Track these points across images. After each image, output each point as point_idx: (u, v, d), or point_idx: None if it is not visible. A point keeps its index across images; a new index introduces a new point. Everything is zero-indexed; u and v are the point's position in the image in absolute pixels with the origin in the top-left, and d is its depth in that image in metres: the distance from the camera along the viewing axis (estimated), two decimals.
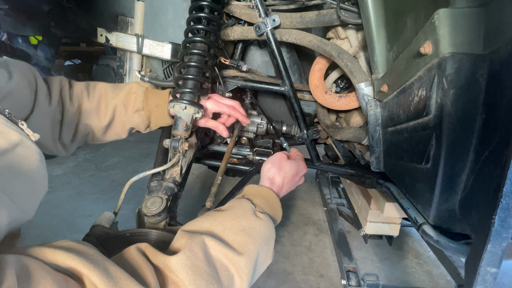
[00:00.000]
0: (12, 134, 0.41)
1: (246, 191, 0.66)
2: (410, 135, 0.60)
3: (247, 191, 0.66)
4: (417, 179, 0.60)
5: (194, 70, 0.75)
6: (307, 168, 0.79)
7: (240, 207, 0.59)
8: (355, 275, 1.24)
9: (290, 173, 0.73)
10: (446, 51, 0.44)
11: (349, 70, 0.82)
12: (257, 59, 1.15)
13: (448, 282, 1.33)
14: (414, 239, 1.61)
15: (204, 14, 0.74)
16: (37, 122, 0.65)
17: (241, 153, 1.18)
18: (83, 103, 0.73)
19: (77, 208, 1.72)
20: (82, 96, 0.73)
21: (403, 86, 0.60)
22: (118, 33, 0.96)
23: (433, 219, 0.57)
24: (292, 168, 0.74)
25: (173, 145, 0.74)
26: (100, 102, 0.75)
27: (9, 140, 0.41)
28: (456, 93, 0.44)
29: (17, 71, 0.61)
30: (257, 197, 0.64)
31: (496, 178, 0.37)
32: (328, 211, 1.75)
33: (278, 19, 0.86)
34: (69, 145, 0.74)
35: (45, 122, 0.66)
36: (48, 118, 0.67)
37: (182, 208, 1.81)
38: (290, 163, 0.74)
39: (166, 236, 0.65)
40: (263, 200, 0.64)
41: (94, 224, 0.63)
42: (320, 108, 1.11)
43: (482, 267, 0.37)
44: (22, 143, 0.42)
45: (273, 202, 0.66)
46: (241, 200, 0.62)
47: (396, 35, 0.64)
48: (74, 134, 0.73)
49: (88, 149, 2.55)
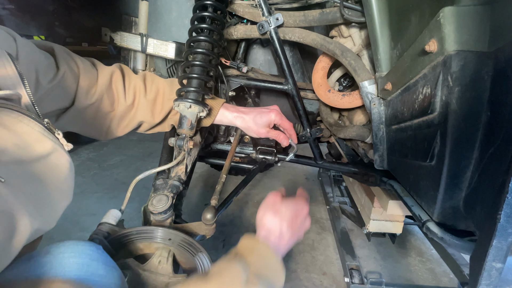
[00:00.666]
0: (47, 143, 0.43)
1: (240, 246, 0.57)
2: (414, 133, 0.61)
3: (241, 246, 0.57)
4: (421, 177, 0.60)
5: (199, 69, 0.76)
6: (308, 206, 0.68)
7: (229, 274, 0.49)
8: (358, 273, 1.24)
9: (288, 216, 0.62)
10: (451, 49, 0.44)
11: (352, 68, 0.82)
12: (259, 57, 1.15)
13: (451, 280, 1.33)
14: (417, 237, 1.61)
15: (208, 13, 0.75)
16: (77, 113, 0.66)
17: (244, 151, 1.18)
18: (139, 98, 0.73)
19: (81, 206, 1.73)
20: (138, 91, 0.73)
21: (408, 84, 0.60)
22: (122, 33, 0.97)
23: (437, 216, 0.57)
24: (289, 209, 0.63)
25: (178, 143, 0.75)
26: (156, 99, 0.75)
27: (44, 148, 0.42)
28: (461, 91, 0.44)
29: (63, 59, 0.61)
30: (251, 255, 0.54)
31: (502, 174, 0.37)
32: (331, 209, 1.75)
33: (281, 18, 0.86)
34: (117, 133, 0.76)
35: (86, 113, 0.67)
36: (91, 108, 0.67)
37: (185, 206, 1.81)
38: (286, 204, 0.64)
39: (172, 233, 0.65)
40: (259, 258, 0.54)
41: (101, 222, 0.64)
42: (323, 107, 1.11)
43: (487, 263, 0.37)
44: (55, 152, 0.44)
45: (271, 260, 0.56)
46: (231, 264, 0.51)
47: (400, 33, 0.64)
48: (125, 126, 0.75)
49: (91, 148, 2.57)
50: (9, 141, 0.38)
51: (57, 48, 0.62)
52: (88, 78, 0.65)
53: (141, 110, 0.74)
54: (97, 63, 0.71)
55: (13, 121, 0.40)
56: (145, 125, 0.78)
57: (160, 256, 0.65)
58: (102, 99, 0.68)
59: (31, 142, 0.41)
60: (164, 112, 0.77)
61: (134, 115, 0.74)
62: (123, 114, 0.73)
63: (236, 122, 0.81)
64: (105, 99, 0.69)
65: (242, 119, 0.80)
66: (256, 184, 2.13)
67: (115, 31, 0.97)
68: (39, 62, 0.54)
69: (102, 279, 0.45)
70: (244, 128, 0.82)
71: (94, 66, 0.69)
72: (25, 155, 0.40)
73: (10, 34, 0.48)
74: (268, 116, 0.81)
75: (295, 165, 2.47)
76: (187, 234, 0.66)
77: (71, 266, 0.43)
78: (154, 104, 0.75)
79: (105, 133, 0.75)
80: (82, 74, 0.65)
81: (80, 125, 0.70)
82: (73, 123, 0.68)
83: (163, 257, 0.65)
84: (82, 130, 0.72)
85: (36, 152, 0.41)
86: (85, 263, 0.44)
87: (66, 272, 0.42)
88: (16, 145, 0.39)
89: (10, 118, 0.40)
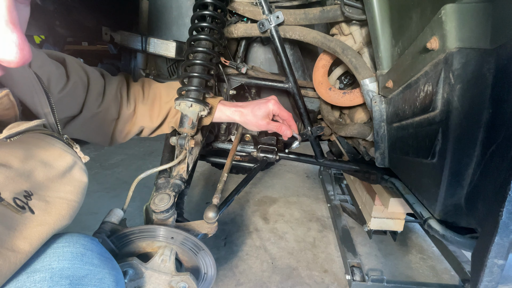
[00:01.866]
0: (68, 158, 0.47)
1: None
2: (415, 131, 0.61)
3: None
4: (423, 174, 0.60)
5: (199, 68, 0.76)
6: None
7: None
8: (360, 270, 1.25)
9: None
10: (453, 46, 0.44)
11: (353, 66, 0.82)
12: (260, 56, 1.15)
13: (452, 277, 1.33)
14: (418, 235, 1.61)
15: (208, 12, 0.75)
16: (84, 121, 0.69)
17: (245, 150, 1.18)
18: (138, 104, 0.77)
19: (83, 205, 1.71)
20: (138, 98, 0.77)
21: (409, 82, 0.60)
22: (122, 32, 0.97)
23: (439, 213, 0.57)
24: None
25: (180, 142, 0.75)
26: (154, 104, 0.78)
27: (67, 162, 0.46)
28: (463, 88, 0.44)
29: (74, 70, 0.64)
30: None
31: (504, 171, 0.37)
32: (332, 207, 1.76)
33: (282, 16, 0.86)
34: (120, 140, 0.80)
35: (93, 121, 0.70)
36: (99, 117, 0.71)
37: (186, 205, 1.82)
38: None
39: (174, 232, 0.66)
40: None
41: (104, 221, 0.64)
42: (324, 105, 1.11)
43: (489, 259, 0.37)
44: (76, 165, 0.48)
45: None
46: None
47: (401, 30, 0.64)
48: (128, 132, 0.79)
49: (92, 147, 2.57)
50: (35, 161, 0.42)
51: (67, 58, 0.65)
52: (96, 87, 0.68)
53: (141, 115, 0.77)
54: (105, 73, 0.75)
55: (36, 141, 0.44)
56: (146, 130, 0.81)
57: (162, 255, 0.66)
58: (109, 107, 0.71)
59: (54, 158, 0.45)
60: (162, 116, 0.78)
61: (135, 121, 0.77)
62: (126, 121, 0.76)
63: (234, 117, 0.81)
64: (112, 108, 0.72)
65: (240, 113, 0.81)
66: (257, 183, 2.13)
67: (116, 31, 0.97)
68: (51, 72, 0.57)
69: (97, 268, 0.45)
70: (244, 122, 0.82)
71: (102, 76, 0.72)
72: (51, 171, 0.44)
73: None
74: (266, 106, 0.81)
75: (296, 163, 2.47)
76: (189, 233, 0.66)
77: (65, 255, 0.43)
78: (152, 109, 0.77)
79: (110, 140, 0.78)
80: (91, 84, 0.67)
81: (87, 133, 0.73)
82: (80, 131, 0.71)
83: (165, 256, 0.65)
84: (88, 137, 0.74)
85: (61, 167, 0.45)
86: (79, 253, 0.45)
87: (59, 260, 0.42)
88: (42, 163, 0.43)
89: (34, 139, 0.44)
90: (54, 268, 0.41)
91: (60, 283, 0.40)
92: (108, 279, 0.45)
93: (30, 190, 0.40)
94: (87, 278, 0.43)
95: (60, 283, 0.39)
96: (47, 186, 0.43)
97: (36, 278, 0.39)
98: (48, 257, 0.42)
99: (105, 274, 0.46)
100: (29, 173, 0.41)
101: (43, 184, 0.43)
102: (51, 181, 0.44)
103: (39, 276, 0.39)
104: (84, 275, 0.43)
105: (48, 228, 0.41)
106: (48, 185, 0.43)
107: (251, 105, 0.81)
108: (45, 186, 0.43)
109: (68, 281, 0.40)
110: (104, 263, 0.47)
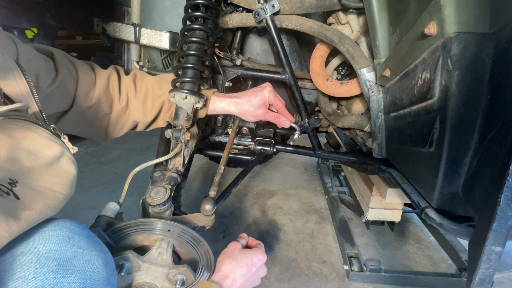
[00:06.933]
0: (56, 148, 0.46)
1: None
2: (413, 120, 0.60)
3: None
4: (420, 164, 0.60)
5: (194, 58, 0.74)
6: (266, 256, 0.71)
7: None
8: (357, 260, 1.26)
9: (244, 263, 0.65)
10: (451, 31, 0.43)
11: (350, 56, 0.81)
12: (256, 47, 1.13)
13: (449, 266, 1.35)
14: (416, 225, 1.63)
15: (202, 1, 0.73)
16: (76, 115, 0.67)
17: (242, 143, 1.17)
18: (130, 98, 0.75)
19: (81, 201, 1.73)
20: (130, 92, 0.75)
21: (407, 70, 0.59)
22: (115, 23, 0.95)
23: (436, 202, 0.57)
24: (246, 256, 0.67)
25: (175, 135, 0.74)
26: (146, 98, 0.76)
27: (54, 152, 0.45)
28: (461, 74, 0.44)
29: (62, 63, 0.63)
30: None
31: (502, 158, 0.37)
32: (330, 199, 1.76)
33: (277, 5, 0.84)
34: (115, 135, 0.79)
35: (85, 115, 0.69)
36: (90, 111, 0.69)
37: (185, 199, 1.82)
38: (244, 252, 0.68)
39: (171, 225, 0.65)
40: None
41: (100, 215, 0.64)
42: (321, 96, 1.10)
43: (487, 246, 0.37)
44: (64, 156, 0.47)
45: None
46: None
47: (399, 17, 0.62)
48: (122, 127, 0.77)
49: (89, 142, 2.55)
50: (20, 149, 0.41)
51: (56, 52, 0.63)
52: (86, 81, 0.67)
53: (134, 110, 0.76)
54: (95, 66, 0.73)
55: (22, 130, 0.43)
56: (140, 125, 0.80)
57: (159, 248, 0.65)
58: (100, 101, 0.70)
59: (41, 147, 0.44)
60: (155, 110, 0.77)
61: (128, 115, 0.76)
62: (119, 115, 0.75)
63: (230, 109, 0.79)
64: (103, 101, 0.70)
65: (236, 103, 0.79)
66: (255, 176, 2.13)
67: (107, 22, 0.95)
68: (39, 66, 0.56)
69: (85, 250, 0.45)
70: (240, 113, 0.80)
71: (92, 69, 0.70)
72: (37, 161, 0.43)
73: (11, 39, 0.50)
74: (261, 94, 0.79)
75: (293, 156, 2.47)
76: (186, 225, 0.66)
77: (51, 238, 0.43)
78: (144, 103, 0.76)
79: (104, 135, 0.77)
80: (80, 77, 0.66)
81: (79, 127, 0.72)
82: (73, 126, 0.70)
83: (162, 249, 0.65)
84: (81, 132, 0.73)
85: (47, 157, 0.44)
86: (65, 236, 0.45)
87: (45, 243, 0.42)
88: (28, 152, 0.42)
89: (19, 127, 0.43)
90: (40, 250, 0.41)
91: (47, 264, 0.39)
92: (96, 261, 0.45)
93: (15, 178, 0.39)
94: (75, 259, 0.42)
95: (47, 265, 0.39)
96: (32, 176, 0.42)
97: (22, 260, 0.39)
98: (34, 241, 0.42)
99: (93, 256, 0.45)
100: (13, 161, 0.40)
101: (28, 173, 0.42)
102: (36, 170, 0.43)
103: (25, 258, 0.39)
104: (72, 257, 0.42)
105: (35, 213, 0.40)
106: (34, 174, 0.42)
107: (246, 94, 0.79)
108: (30, 175, 0.42)
109: (55, 263, 0.40)
110: (92, 246, 0.47)
